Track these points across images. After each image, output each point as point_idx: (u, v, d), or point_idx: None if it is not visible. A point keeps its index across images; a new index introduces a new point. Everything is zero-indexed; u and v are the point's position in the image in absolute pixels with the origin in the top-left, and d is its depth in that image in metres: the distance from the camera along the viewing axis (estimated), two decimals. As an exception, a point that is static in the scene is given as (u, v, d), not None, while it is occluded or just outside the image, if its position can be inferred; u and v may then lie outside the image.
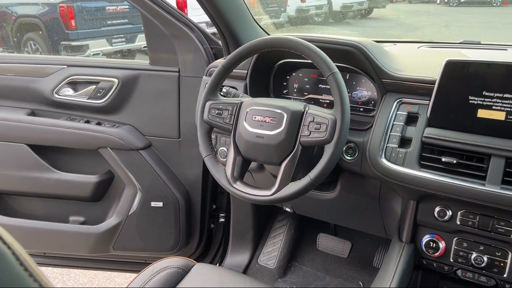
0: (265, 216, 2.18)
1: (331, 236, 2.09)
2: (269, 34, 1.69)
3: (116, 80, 1.78)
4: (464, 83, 1.10)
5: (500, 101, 1.06)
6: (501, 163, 1.06)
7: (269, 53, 1.33)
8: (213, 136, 1.53)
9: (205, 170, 1.88)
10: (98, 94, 1.80)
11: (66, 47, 5.77)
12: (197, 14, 2.53)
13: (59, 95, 1.82)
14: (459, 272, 1.24)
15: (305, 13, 8.17)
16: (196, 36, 1.71)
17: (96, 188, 1.85)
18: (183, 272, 1.24)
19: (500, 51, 1.51)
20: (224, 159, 1.50)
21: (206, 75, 1.58)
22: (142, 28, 1.78)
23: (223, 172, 1.23)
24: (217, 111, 1.25)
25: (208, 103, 1.26)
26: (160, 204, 1.87)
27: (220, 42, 1.69)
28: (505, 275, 1.16)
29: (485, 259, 1.17)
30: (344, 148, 1.28)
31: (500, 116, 1.07)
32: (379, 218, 1.48)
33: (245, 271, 2.06)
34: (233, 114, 1.23)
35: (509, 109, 1.06)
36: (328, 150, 1.09)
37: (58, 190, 1.86)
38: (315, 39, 1.31)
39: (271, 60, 1.53)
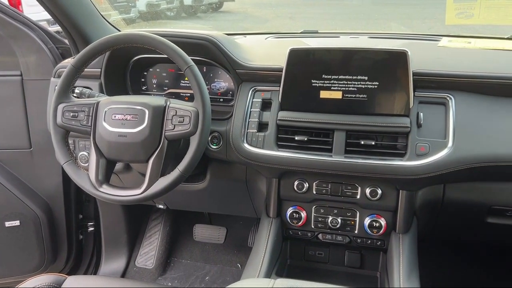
0: (138, 217, 2.13)
1: (206, 225, 2.15)
2: (120, 30, 1.64)
3: None
4: (306, 68, 1.24)
5: (337, 82, 1.23)
6: (342, 135, 1.23)
7: (123, 50, 1.30)
8: (70, 141, 1.44)
9: (66, 178, 1.76)
10: None
11: None
12: (35, 12, 2.33)
13: None
14: (320, 236, 1.41)
15: (156, 7, 8.01)
16: (37, 35, 1.57)
17: None
18: (54, 289, 1.16)
19: (334, 38, 1.72)
20: (86, 164, 1.42)
21: (54, 77, 1.47)
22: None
23: (86, 177, 1.17)
24: (71, 114, 1.18)
25: (60, 106, 1.18)
26: (16, 222, 1.70)
27: (66, 41, 1.59)
28: (356, 232, 1.36)
29: (339, 220, 1.35)
30: (209, 138, 1.34)
31: (338, 95, 1.23)
32: (248, 199, 1.57)
33: (123, 276, 1.99)
34: (90, 115, 1.18)
35: (344, 89, 1.22)
36: (194, 142, 1.13)
37: None
38: (169, 33, 1.32)
39: (126, 56, 1.49)
